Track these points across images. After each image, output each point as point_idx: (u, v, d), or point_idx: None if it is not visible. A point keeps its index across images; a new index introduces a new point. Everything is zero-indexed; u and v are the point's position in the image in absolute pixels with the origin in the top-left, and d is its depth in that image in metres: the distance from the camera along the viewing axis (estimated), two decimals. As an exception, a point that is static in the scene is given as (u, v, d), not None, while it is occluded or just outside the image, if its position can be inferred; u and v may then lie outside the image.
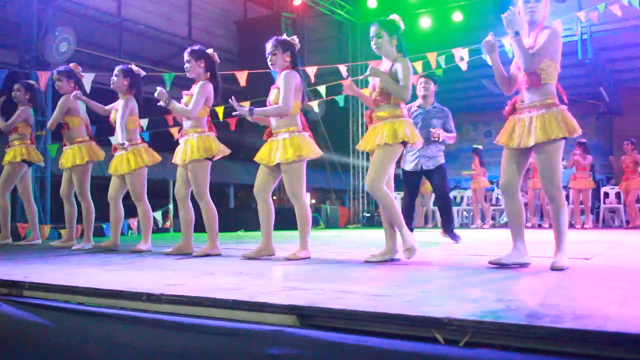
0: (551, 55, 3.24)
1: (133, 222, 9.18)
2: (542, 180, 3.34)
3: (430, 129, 6.04)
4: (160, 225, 10.07)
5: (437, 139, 6.02)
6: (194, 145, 4.58)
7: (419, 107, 6.27)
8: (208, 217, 4.69)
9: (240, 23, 13.75)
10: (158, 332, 2.30)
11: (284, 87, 4.19)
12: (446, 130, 6.15)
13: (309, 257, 4.14)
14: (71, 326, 2.51)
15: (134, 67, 5.25)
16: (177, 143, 4.83)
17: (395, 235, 3.92)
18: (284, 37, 4.42)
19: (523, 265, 3.33)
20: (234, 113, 4.41)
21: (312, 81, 9.38)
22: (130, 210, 6.00)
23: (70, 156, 5.60)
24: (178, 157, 4.69)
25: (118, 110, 5.10)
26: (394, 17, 4.02)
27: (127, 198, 5.40)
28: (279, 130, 4.28)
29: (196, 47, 4.77)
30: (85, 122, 5.77)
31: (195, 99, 4.57)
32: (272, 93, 4.31)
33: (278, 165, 4.25)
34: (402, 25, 3.99)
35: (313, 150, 4.29)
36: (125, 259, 4.44)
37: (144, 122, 8.26)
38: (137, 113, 5.23)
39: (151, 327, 2.33)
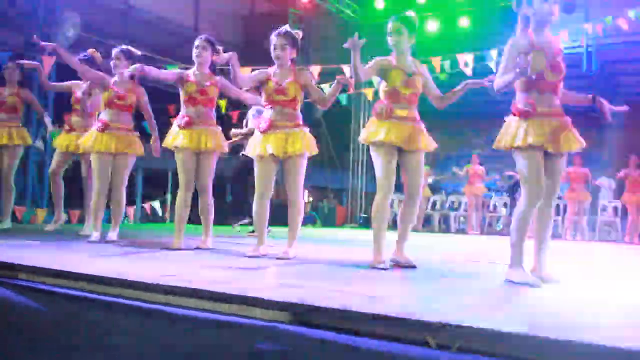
0: None
1: (130, 210, 9.17)
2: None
3: None
4: (160, 215, 10.06)
5: None
6: (217, 136, 4.57)
7: None
8: (210, 211, 4.71)
9: (247, 17, 13.74)
10: (150, 321, 2.30)
11: (313, 84, 4.23)
12: None
13: (295, 255, 4.09)
14: (64, 311, 2.52)
15: (131, 48, 5.14)
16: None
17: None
18: (287, 29, 4.26)
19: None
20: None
21: (316, 79, 9.37)
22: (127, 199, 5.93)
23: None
24: (195, 144, 4.51)
25: (141, 104, 5.08)
26: (411, 13, 3.91)
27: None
28: (285, 123, 4.13)
29: (211, 37, 4.74)
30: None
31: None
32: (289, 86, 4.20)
33: (277, 159, 4.16)
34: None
35: (315, 147, 4.25)
36: (123, 247, 4.43)
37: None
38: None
39: (144, 316, 2.33)
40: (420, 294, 2.52)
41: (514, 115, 3.21)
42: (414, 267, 3.66)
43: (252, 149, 4.18)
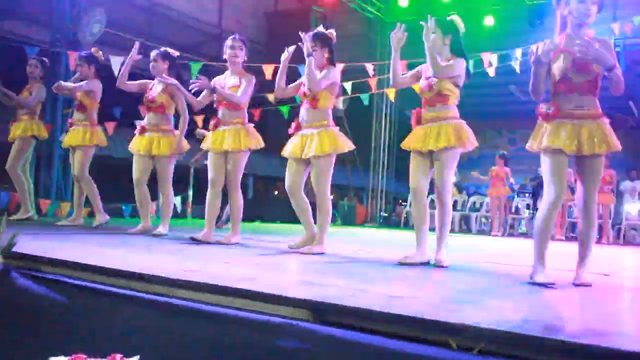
0: None
1: (152, 205, 9.23)
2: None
3: None
4: (179, 211, 10.14)
5: None
6: (243, 135, 4.64)
7: None
8: (239, 207, 4.76)
9: (270, 14, 13.77)
10: (172, 316, 2.31)
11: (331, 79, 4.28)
12: None
13: (323, 253, 4.13)
14: (87, 305, 2.54)
15: (169, 50, 5.25)
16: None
17: (426, 239, 3.84)
18: (321, 29, 4.36)
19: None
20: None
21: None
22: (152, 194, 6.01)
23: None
24: (224, 144, 4.62)
25: (179, 102, 5.16)
26: (454, 17, 4.01)
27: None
28: (312, 124, 4.25)
29: (243, 37, 4.84)
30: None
31: (245, 88, 4.65)
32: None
33: (307, 159, 4.23)
34: (462, 27, 3.98)
35: (347, 143, 4.32)
36: (144, 241, 4.48)
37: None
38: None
39: (164, 311, 2.34)
40: (442, 295, 2.50)
41: (537, 118, 3.19)
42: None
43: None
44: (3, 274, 2.79)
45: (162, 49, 5.28)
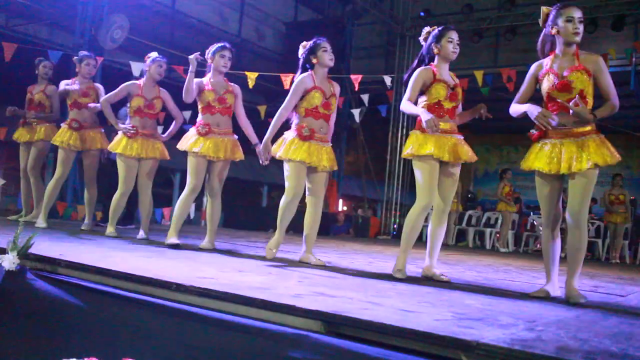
0: None
1: (166, 211, 9.30)
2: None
3: None
4: (192, 218, 10.19)
5: None
6: (236, 144, 4.78)
7: None
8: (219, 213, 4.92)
9: (290, 24, 13.85)
10: (184, 322, 2.32)
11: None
12: None
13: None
14: (100, 308, 2.56)
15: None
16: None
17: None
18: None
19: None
20: None
21: (356, 89, 9.39)
22: (163, 200, 6.09)
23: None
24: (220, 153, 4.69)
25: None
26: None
27: (155, 186, 5.58)
28: (324, 136, 4.28)
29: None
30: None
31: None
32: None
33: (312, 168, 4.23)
34: None
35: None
36: (158, 247, 4.50)
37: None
38: None
39: (177, 317, 2.36)
40: (455, 311, 2.48)
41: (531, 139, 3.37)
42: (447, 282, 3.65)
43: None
44: (20, 275, 2.82)
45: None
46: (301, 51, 4.31)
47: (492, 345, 1.77)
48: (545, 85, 3.26)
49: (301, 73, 4.27)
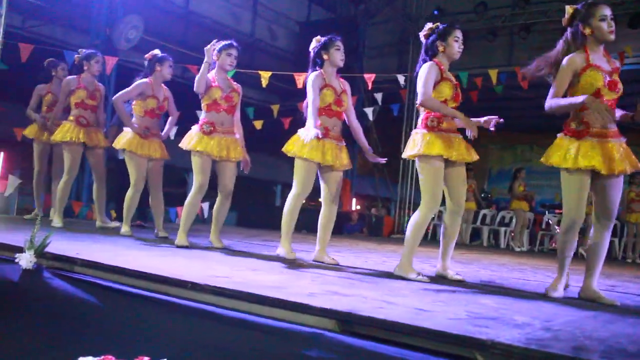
0: None
1: (180, 210, 9.32)
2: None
3: None
4: (205, 216, 10.23)
5: None
6: (237, 143, 4.79)
7: None
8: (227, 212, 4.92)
9: (303, 24, 13.85)
10: (199, 321, 2.33)
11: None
12: None
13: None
14: (116, 306, 2.58)
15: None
16: None
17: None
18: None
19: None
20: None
21: (369, 88, 9.37)
22: (176, 199, 6.15)
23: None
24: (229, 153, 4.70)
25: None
26: None
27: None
28: (338, 134, 4.27)
29: None
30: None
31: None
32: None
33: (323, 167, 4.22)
34: None
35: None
36: (171, 246, 4.53)
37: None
38: None
39: (192, 316, 2.37)
40: (470, 310, 2.47)
41: (566, 134, 3.21)
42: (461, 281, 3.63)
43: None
44: (36, 273, 2.85)
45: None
46: (313, 44, 4.26)
47: (508, 345, 1.76)
48: (589, 81, 3.12)
49: (312, 69, 4.23)
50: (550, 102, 3.18)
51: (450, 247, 3.82)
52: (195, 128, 4.69)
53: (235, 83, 4.85)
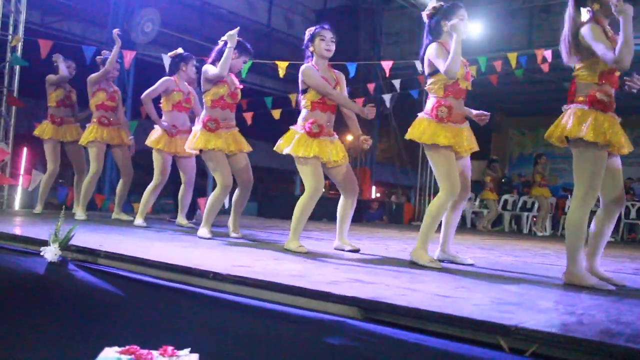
0: None
1: (201, 201, 9.37)
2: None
3: None
4: (226, 207, 10.29)
5: None
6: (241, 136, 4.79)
7: None
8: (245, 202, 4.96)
9: (319, 12, 13.78)
10: (222, 311, 2.35)
11: None
12: None
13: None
14: (140, 297, 2.61)
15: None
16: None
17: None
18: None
19: None
20: None
21: (387, 75, 9.31)
22: (198, 190, 6.20)
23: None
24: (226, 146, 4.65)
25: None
26: None
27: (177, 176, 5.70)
28: (331, 130, 4.09)
29: None
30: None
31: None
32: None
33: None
34: None
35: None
36: (193, 236, 4.56)
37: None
38: None
39: (216, 305, 2.38)
40: (492, 296, 2.45)
41: (590, 105, 3.00)
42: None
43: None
44: (61, 266, 2.90)
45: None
46: (307, 37, 4.09)
47: (532, 330, 1.74)
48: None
49: (305, 62, 4.05)
50: (613, 51, 2.85)
51: (452, 233, 3.84)
52: (197, 126, 4.66)
53: (237, 81, 4.84)
